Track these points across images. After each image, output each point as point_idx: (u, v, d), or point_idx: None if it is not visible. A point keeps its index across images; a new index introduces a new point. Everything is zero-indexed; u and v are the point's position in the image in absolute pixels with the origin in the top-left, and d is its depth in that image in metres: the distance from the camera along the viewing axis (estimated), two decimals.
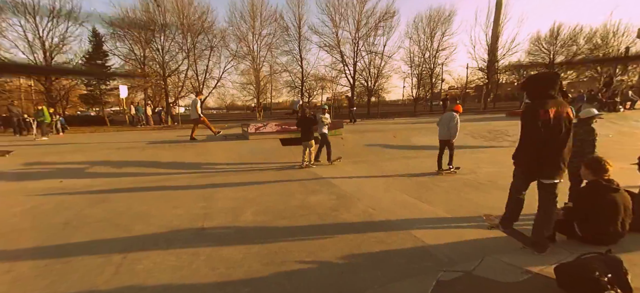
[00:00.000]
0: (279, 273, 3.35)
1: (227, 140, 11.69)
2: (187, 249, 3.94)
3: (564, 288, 2.20)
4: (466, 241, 3.94)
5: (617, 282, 1.98)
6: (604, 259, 2.12)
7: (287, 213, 5.23)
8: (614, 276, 1.98)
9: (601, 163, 2.98)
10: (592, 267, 2.05)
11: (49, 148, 10.88)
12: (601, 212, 2.87)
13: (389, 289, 2.89)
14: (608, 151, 9.38)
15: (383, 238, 4.17)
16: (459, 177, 7.28)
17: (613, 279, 1.98)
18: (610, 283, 1.97)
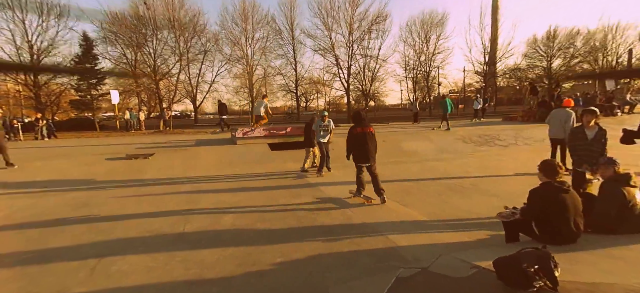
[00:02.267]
0: (250, 273, 3.57)
1: (216, 145, 11.92)
2: (164, 252, 4.15)
3: (501, 279, 2.43)
4: (437, 243, 4.16)
5: (545, 273, 2.21)
6: (536, 253, 2.34)
7: (267, 216, 5.44)
8: (541, 268, 2.21)
9: (553, 166, 3.22)
10: (521, 260, 2.28)
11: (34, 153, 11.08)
12: (553, 211, 3.10)
13: (350, 286, 3.10)
14: None
15: (357, 240, 4.39)
16: (444, 182, 7.51)
17: (540, 271, 2.20)
18: (537, 274, 2.19)
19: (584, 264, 2.67)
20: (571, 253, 2.91)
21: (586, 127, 4.78)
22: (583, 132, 4.79)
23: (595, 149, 4.52)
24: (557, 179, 3.19)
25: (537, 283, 2.19)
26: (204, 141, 13.26)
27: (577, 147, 4.79)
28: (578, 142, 4.80)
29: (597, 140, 4.64)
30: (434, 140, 12.45)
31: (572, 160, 4.94)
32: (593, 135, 4.70)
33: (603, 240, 3.10)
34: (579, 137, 4.81)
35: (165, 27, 25.90)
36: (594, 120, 4.77)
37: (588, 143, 4.68)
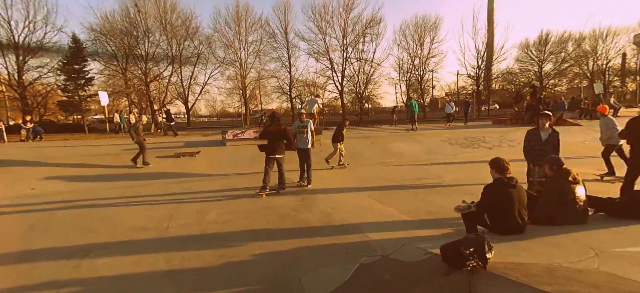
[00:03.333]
0: (228, 263, 3.91)
1: (205, 147, 12.24)
2: (149, 247, 4.47)
3: (444, 262, 2.82)
4: (406, 237, 4.53)
5: (478, 255, 2.60)
6: (474, 239, 2.73)
7: (250, 214, 5.79)
8: (475, 251, 2.60)
9: (502, 163, 3.63)
10: (459, 244, 2.67)
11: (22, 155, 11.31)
12: (501, 204, 3.51)
13: (318, 273, 3.47)
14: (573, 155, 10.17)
15: (333, 234, 4.75)
16: (426, 181, 7.90)
17: (474, 253, 2.59)
18: (471, 255, 2.58)
19: (525, 250, 3.06)
20: (517, 242, 3.31)
21: (541, 129, 5.24)
22: (538, 133, 5.25)
23: (548, 149, 4.97)
24: (507, 175, 3.60)
25: (470, 263, 2.58)
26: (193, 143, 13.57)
27: (533, 147, 5.24)
28: (533, 143, 5.25)
29: (550, 141, 5.10)
30: (423, 142, 12.90)
31: (528, 160, 5.41)
32: (546, 137, 5.15)
33: (546, 230, 3.49)
34: (534, 138, 5.28)
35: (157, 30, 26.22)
36: (548, 123, 5.22)
37: (542, 143, 5.13)
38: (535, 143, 5.23)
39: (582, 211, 3.66)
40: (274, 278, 3.52)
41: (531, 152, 5.27)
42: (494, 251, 2.71)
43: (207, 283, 3.47)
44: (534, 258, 2.77)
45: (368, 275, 3.23)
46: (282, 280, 3.47)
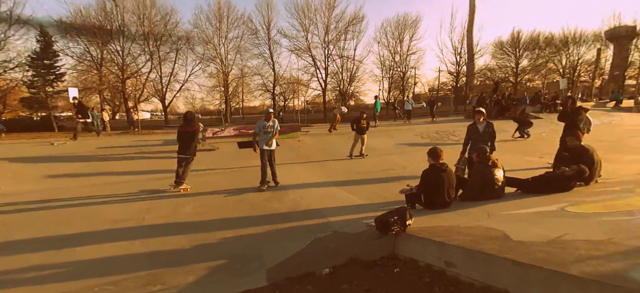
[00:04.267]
0: (199, 245, 4.51)
1: None
2: (126, 235, 4.93)
3: (378, 229, 3.56)
4: (361, 217, 5.27)
5: (400, 222, 3.34)
6: (398, 209, 3.48)
7: (224, 205, 6.40)
8: (398, 219, 3.35)
9: (437, 152, 4.42)
10: (387, 215, 3.42)
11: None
12: (435, 186, 4.29)
13: (278, 247, 4.16)
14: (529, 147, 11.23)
15: (298, 219, 5.43)
16: (391, 172, 8.69)
17: (397, 220, 3.34)
18: (395, 222, 3.33)
19: (441, 218, 3.84)
20: (441, 214, 4.10)
21: (478, 123, 6.15)
22: (476, 127, 6.16)
23: (486, 139, 5.86)
24: (440, 161, 4.38)
25: (394, 228, 3.32)
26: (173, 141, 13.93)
27: (473, 138, 6.12)
28: (473, 135, 6.15)
29: (486, 132, 6.03)
30: (395, 136, 13.77)
31: (463, 149, 6.32)
32: (483, 129, 6.06)
33: (466, 205, 4.30)
34: (473, 130, 6.20)
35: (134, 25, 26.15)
36: (482, 118, 6.13)
37: (480, 134, 6.03)
38: (474, 135, 6.13)
39: (500, 189, 4.47)
40: (239, 254, 4.17)
41: (470, 142, 6.15)
42: (414, 219, 3.46)
43: (180, 261, 4.06)
44: (443, 222, 3.54)
45: (318, 246, 3.93)
46: (246, 255, 4.13)
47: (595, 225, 2.77)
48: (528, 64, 31.82)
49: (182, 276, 3.58)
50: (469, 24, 33.78)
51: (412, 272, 3.27)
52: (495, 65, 33.66)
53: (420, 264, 3.23)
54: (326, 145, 13.24)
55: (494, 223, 3.17)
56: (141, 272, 3.67)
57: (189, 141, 7.42)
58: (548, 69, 33.12)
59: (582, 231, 2.60)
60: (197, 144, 7.88)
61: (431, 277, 3.06)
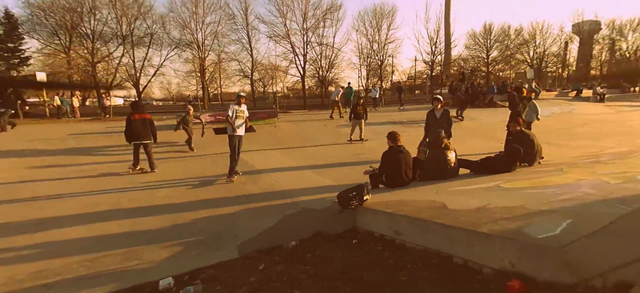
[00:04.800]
0: (175, 225, 4.76)
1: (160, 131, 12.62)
2: (101, 217, 5.10)
3: (340, 205, 3.95)
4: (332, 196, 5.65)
5: (358, 197, 3.75)
6: (357, 186, 3.89)
7: (199, 189, 6.62)
8: (357, 194, 3.75)
9: (395, 135, 4.84)
10: (347, 191, 3.82)
11: None
12: (392, 166, 4.72)
13: (250, 224, 4.49)
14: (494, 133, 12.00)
15: (270, 199, 5.76)
16: (363, 156, 9.12)
17: (356, 196, 3.74)
18: (353, 197, 3.73)
19: (396, 195, 4.28)
20: (399, 191, 4.54)
21: (435, 110, 6.66)
22: (434, 113, 6.67)
23: (442, 125, 6.37)
24: (397, 144, 4.80)
25: (353, 203, 3.72)
26: None
27: (431, 124, 6.63)
28: (431, 121, 6.66)
29: (442, 118, 6.54)
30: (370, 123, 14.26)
31: (425, 134, 6.83)
32: (439, 116, 6.58)
33: (421, 184, 4.77)
34: (431, 117, 6.71)
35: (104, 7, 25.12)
36: (440, 105, 6.64)
37: (437, 121, 6.54)
38: (432, 121, 6.64)
39: (452, 170, 4.96)
40: (213, 232, 4.48)
41: (429, 127, 6.66)
42: (374, 196, 3.87)
43: (156, 239, 4.31)
44: (397, 197, 3.98)
45: (287, 222, 4.29)
46: (219, 232, 4.44)
47: (515, 196, 3.25)
48: (498, 55, 33.18)
49: (157, 252, 3.85)
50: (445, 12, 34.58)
51: (368, 242, 3.70)
52: (468, 56, 34.87)
53: (375, 235, 3.66)
54: (302, 131, 13.53)
55: (438, 197, 3.61)
56: (118, 250, 3.91)
57: (145, 127, 7.81)
58: (517, 60, 34.65)
59: (504, 200, 3.07)
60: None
61: (383, 245, 3.49)
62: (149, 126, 7.85)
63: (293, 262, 3.43)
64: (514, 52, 33.48)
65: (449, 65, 35.66)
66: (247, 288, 2.87)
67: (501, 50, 32.76)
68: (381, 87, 27.59)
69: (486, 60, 33.08)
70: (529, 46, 33.04)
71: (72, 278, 3.31)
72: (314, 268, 3.21)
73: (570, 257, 1.78)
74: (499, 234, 2.22)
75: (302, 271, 3.19)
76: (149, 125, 7.89)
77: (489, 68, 33.37)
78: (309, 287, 2.80)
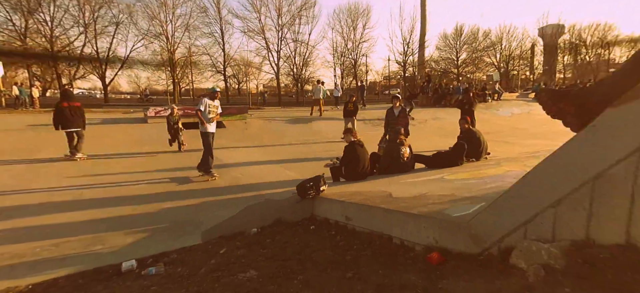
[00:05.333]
0: (142, 214, 4.91)
1: (126, 124, 12.43)
2: (65, 207, 5.18)
3: (298, 195, 4.26)
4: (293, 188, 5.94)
5: (315, 188, 4.07)
6: (315, 177, 4.22)
7: (166, 181, 6.72)
8: (313, 184, 4.07)
9: (350, 130, 5.22)
10: (305, 182, 4.13)
11: None
12: (352, 160, 5.09)
13: (214, 214, 4.71)
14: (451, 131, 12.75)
15: (236, 192, 5.99)
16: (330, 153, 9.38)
17: (313, 186, 4.06)
18: (311, 188, 4.05)
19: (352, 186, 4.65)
20: (357, 184, 4.90)
21: (394, 108, 7.16)
22: (392, 111, 7.17)
23: (400, 122, 6.86)
24: (356, 139, 5.18)
25: (311, 193, 4.03)
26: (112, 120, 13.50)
27: (390, 121, 7.12)
28: (390, 118, 7.15)
29: (400, 116, 7.04)
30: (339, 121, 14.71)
31: (385, 130, 7.33)
32: (398, 113, 7.08)
33: (379, 177, 5.18)
34: (390, 114, 7.23)
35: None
36: (398, 103, 7.15)
37: (396, 118, 7.04)
38: (391, 118, 7.13)
39: (406, 163, 5.39)
40: (177, 220, 4.67)
41: (388, 124, 7.15)
42: (332, 187, 4.21)
43: (120, 226, 4.45)
44: (352, 189, 4.35)
45: (250, 211, 4.54)
46: (184, 221, 4.63)
47: (451, 186, 3.69)
48: (467, 57, 34.79)
49: (122, 238, 4.00)
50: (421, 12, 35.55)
51: (324, 228, 4.03)
52: (439, 57, 36.29)
53: (330, 221, 3.99)
54: (273, 128, 13.73)
55: (387, 187, 4.00)
56: (82, 236, 4.02)
57: (77, 114, 8.24)
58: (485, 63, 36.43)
59: (440, 190, 3.49)
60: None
61: (336, 230, 3.83)
62: (80, 114, 8.29)
63: (253, 247, 3.70)
64: (481, 55, 35.19)
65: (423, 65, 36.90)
66: (207, 269, 3.10)
67: (470, 52, 34.35)
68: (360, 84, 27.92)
69: (456, 62, 34.53)
70: (495, 49, 34.82)
71: (35, 260, 3.42)
72: (272, 251, 3.50)
73: (474, 231, 2.16)
74: (425, 215, 2.61)
75: (260, 254, 3.47)
76: (79, 113, 8.29)
77: (459, 70, 34.86)
78: (264, 267, 3.08)
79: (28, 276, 3.09)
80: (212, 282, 2.81)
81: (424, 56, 36.85)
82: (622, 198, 1.45)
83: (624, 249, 1.44)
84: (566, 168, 1.67)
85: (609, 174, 1.50)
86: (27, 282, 2.96)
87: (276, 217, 4.37)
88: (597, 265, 1.44)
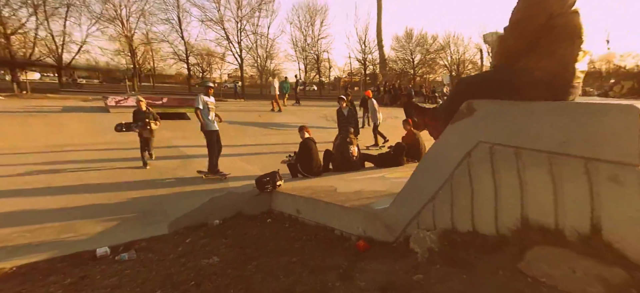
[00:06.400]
0: (108, 204, 5.10)
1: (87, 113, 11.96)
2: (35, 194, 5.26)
3: (257, 188, 4.70)
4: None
5: (272, 182, 4.55)
6: (271, 173, 4.70)
7: (132, 172, 6.82)
8: (270, 180, 4.55)
9: (304, 127, 5.81)
10: (263, 177, 4.60)
11: None
12: (307, 156, 5.61)
13: (180, 204, 5.01)
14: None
15: (203, 185, 6.29)
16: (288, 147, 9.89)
17: (270, 181, 4.54)
18: (268, 183, 4.52)
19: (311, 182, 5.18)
20: (312, 180, 5.43)
21: (342, 109, 7.86)
22: (342, 112, 7.88)
23: (350, 121, 7.54)
24: (307, 136, 5.71)
25: (268, 187, 4.50)
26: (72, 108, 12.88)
27: (341, 121, 7.79)
28: (341, 118, 7.81)
29: (350, 115, 7.75)
30: (301, 116, 15.18)
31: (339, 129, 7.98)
32: (347, 113, 7.78)
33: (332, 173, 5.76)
34: (340, 115, 7.93)
35: None
36: (345, 104, 7.84)
37: (346, 118, 7.71)
38: (341, 118, 7.81)
39: (356, 162, 6.02)
40: (145, 210, 4.94)
41: (340, 124, 7.80)
42: (288, 183, 4.69)
43: (90, 215, 4.65)
44: (305, 184, 4.87)
45: (213, 203, 4.90)
46: (151, 211, 4.91)
47: (387, 184, 4.33)
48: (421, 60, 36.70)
49: (92, 226, 4.23)
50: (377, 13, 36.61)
51: (279, 220, 4.52)
52: (396, 57, 37.88)
53: (285, 214, 4.49)
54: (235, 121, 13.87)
55: (335, 184, 4.57)
56: (55, 223, 4.22)
57: None
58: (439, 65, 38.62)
59: (376, 186, 4.11)
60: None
61: (290, 222, 4.33)
62: None
63: (215, 237, 4.10)
64: (434, 57, 37.24)
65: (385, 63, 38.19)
66: (175, 255, 3.48)
67: (423, 54, 36.23)
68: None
69: (412, 63, 36.26)
70: (446, 52, 37.04)
71: (14, 245, 3.60)
72: (232, 241, 3.93)
73: (387, 222, 2.75)
74: (355, 208, 3.18)
75: (222, 243, 3.89)
76: None
77: (415, 71, 36.65)
78: (225, 254, 3.51)
79: (10, 259, 3.28)
80: (179, 266, 3.20)
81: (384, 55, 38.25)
82: (465, 194, 2.06)
83: (472, 234, 2.07)
84: (435, 169, 2.27)
85: (455, 174, 2.10)
86: (11, 264, 3.17)
87: (237, 210, 4.78)
88: (456, 247, 2.06)
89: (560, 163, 1.52)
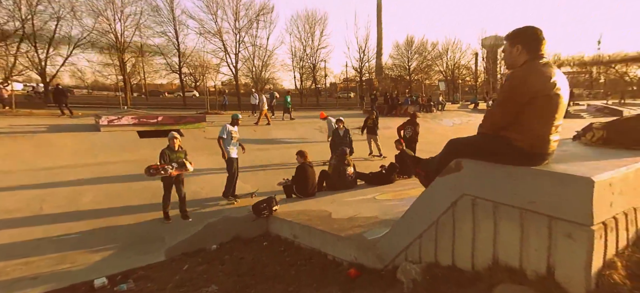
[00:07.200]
0: (103, 229, 5.30)
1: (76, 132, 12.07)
2: (24, 223, 5.40)
3: (254, 213, 4.91)
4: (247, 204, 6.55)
5: (268, 208, 4.77)
6: (267, 198, 4.93)
7: (125, 194, 7.00)
8: (266, 206, 4.78)
9: (303, 152, 5.99)
10: (260, 203, 4.82)
11: None
12: (303, 179, 5.84)
13: (178, 230, 5.21)
14: None
15: (195, 206, 6.49)
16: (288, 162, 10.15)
17: (266, 207, 4.76)
18: (264, 208, 4.74)
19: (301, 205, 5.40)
20: (306, 201, 5.66)
21: (339, 129, 8.16)
22: (338, 132, 8.20)
23: (346, 141, 7.86)
24: (307, 160, 5.95)
25: (264, 213, 4.72)
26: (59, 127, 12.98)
27: (337, 141, 8.09)
28: (337, 138, 8.12)
29: (345, 136, 8.09)
30: (297, 129, 15.42)
31: (331, 150, 8.27)
32: (342, 134, 8.10)
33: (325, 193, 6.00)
34: (337, 135, 8.21)
35: None
36: (342, 125, 8.17)
37: (341, 138, 8.02)
38: (337, 138, 8.12)
39: (350, 181, 6.28)
40: (141, 236, 5.13)
41: (335, 144, 8.09)
42: (285, 205, 4.92)
43: (85, 244, 4.83)
44: (300, 207, 5.10)
45: (210, 228, 5.10)
46: (148, 237, 5.10)
47: (377, 208, 4.57)
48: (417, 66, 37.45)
49: (88, 255, 4.42)
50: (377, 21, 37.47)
51: (275, 244, 4.72)
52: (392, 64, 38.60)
53: (281, 238, 4.70)
54: None
55: (329, 207, 4.80)
56: (51, 254, 4.38)
57: None
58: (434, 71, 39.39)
59: (368, 211, 4.34)
60: None
61: (285, 247, 4.54)
62: None
63: (213, 263, 4.30)
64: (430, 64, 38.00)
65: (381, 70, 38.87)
66: (173, 284, 3.67)
67: (420, 61, 36.98)
68: None
69: (408, 70, 36.95)
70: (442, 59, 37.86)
71: (9, 279, 3.75)
72: (230, 267, 4.13)
73: (379, 252, 2.99)
74: (349, 237, 3.42)
75: (219, 270, 4.09)
76: None
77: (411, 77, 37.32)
78: (223, 281, 3.71)
79: None
80: None
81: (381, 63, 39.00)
82: (448, 236, 2.34)
83: (450, 269, 2.33)
84: (424, 212, 2.56)
85: (441, 219, 2.40)
86: None
87: (234, 234, 4.99)
88: (437, 280, 2.31)
89: (529, 218, 1.85)
